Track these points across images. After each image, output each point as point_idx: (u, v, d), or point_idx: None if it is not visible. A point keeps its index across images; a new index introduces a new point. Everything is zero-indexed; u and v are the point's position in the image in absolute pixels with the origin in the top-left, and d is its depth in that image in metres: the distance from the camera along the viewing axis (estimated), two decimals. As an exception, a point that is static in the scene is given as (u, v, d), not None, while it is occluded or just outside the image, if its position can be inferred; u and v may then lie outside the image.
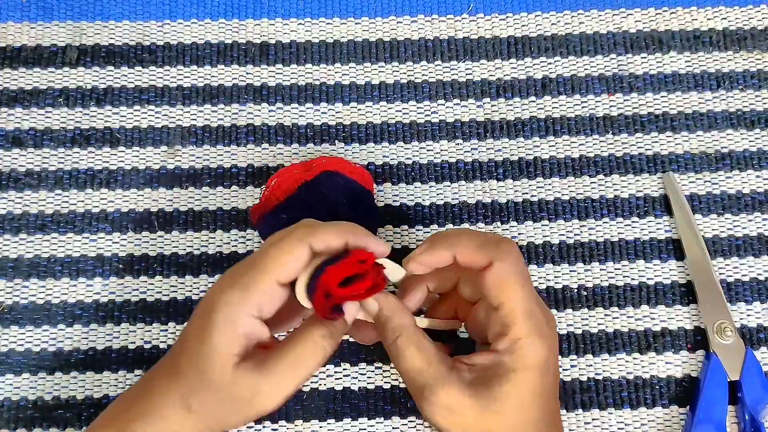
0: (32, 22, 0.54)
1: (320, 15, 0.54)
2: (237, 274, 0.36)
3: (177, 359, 0.37)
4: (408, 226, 0.49)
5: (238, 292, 0.35)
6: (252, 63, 0.53)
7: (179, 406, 0.35)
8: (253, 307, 0.35)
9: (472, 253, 0.37)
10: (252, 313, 0.35)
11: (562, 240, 0.49)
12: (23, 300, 0.47)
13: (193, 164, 0.50)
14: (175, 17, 0.54)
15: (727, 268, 0.48)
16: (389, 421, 0.45)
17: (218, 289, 0.36)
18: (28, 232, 0.49)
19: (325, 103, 0.52)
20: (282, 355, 0.36)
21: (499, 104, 0.52)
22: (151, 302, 0.48)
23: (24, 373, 0.46)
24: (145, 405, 0.36)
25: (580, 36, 0.54)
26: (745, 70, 0.53)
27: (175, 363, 0.37)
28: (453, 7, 0.54)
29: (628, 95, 0.52)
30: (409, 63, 0.53)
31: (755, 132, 0.51)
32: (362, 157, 0.51)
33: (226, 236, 0.49)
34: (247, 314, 0.35)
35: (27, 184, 0.50)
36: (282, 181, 0.46)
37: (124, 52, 0.53)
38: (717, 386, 0.44)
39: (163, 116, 0.52)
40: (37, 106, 0.52)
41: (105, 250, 0.49)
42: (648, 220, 0.49)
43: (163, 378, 0.37)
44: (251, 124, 0.51)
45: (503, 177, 0.50)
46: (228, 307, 0.35)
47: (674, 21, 0.54)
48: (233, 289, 0.35)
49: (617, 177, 0.50)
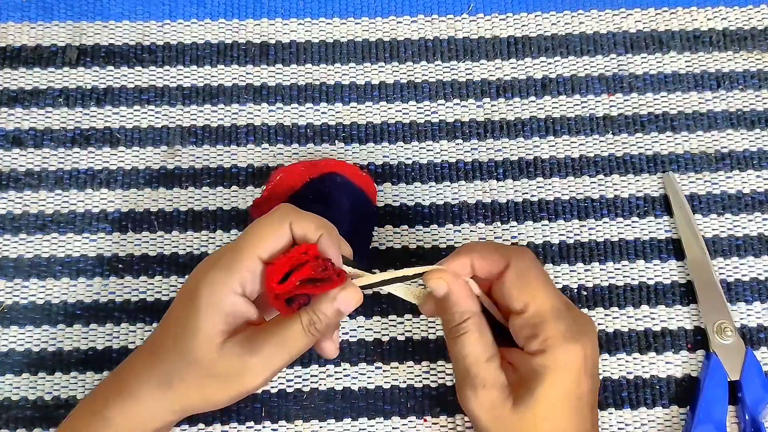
0: (32, 22, 0.54)
1: (320, 15, 0.54)
2: (218, 256, 0.36)
3: (159, 341, 0.37)
4: (408, 226, 0.49)
5: (221, 272, 0.35)
6: (252, 63, 0.53)
7: (156, 385, 0.36)
8: (236, 285, 0.35)
9: (488, 254, 0.37)
10: (236, 291, 0.35)
11: (562, 240, 0.49)
12: (23, 300, 0.47)
13: (193, 164, 0.50)
14: (175, 17, 0.54)
15: (727, 268, 0.48)
16: (389, 421, 0.45)
17: (201, 270, 0.36)
18: (28, 232, 0.49)
19: (325, 103, 0.52)
20: (269, 332, 0.36)
21: (499, 104, 0.52)
22: (151, 302, 0.48)
23: (24, 373, 0.46)
24: (120, 386, 0.36)
25: (580, 36, 0.54)
26: (745, 70, 0.53)
27: (156, 344, 0.37)
28: (453, 7, 0.54)
29: (628, 95, 0.52)
30: (409, 63, 0.53)
31: (755, 132, 0.51)
32: (362, 157, 0.51)
33: (226, 236, 0.49)
34: (231, 292, 0.35)
35: (27, 184, 0.50)
36: (286, 178, 0.46)
37: (124, 52, 0.53)
38: (717, 386, 0.44)
39: (163, 116, 0.52)
40: (37, 106, 0.52)
41: (105, 250, 0.49)
42: (648, 220, 0.49)
43: (140, 360, 0.37)
44: (251, 124, 0.51)
45: (503, 177, 0.50)
46: (211, 286, 0.35)
47: (674, 21, 0.54)
48: (216, 270, 0.35)
49: (617, 177, 0.50)
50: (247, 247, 0.36)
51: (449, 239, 0.49)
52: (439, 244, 0.49)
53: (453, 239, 0.49)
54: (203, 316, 0.35)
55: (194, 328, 0.35)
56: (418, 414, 0.45)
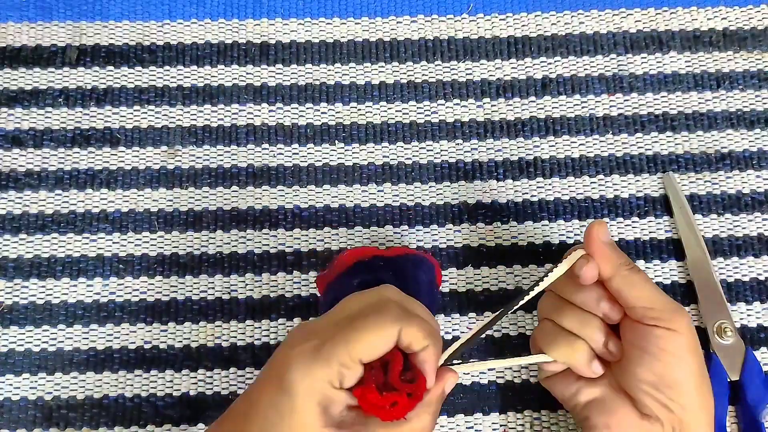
0: (32, 22, 0.54)
1: (320, 15, 0.54)
2: (315, 341, 0.34)
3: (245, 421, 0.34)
4: (408, 226, 0.49)
5: (319, 365, 0.33)
6: (252, 63, 0.53)
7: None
8: (333, 379, 0.33)
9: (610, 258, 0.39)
10: (333, 385, 0.33)
11: (562, 240, 0.49)
12: (23, 300, 0.47)
13: (193, 164, 0.50)
14: (175, 17, 0.54)
15: (727, 268, 0.48)
16: (389, 421, 0.45)
17: (294, 354, 0.34)
18: (28, 232, 0.49)
19: (325, 103, 0.52)
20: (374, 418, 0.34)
21: (499, 104, 0.52)
22: (151, 302, 0.48)
23: (24, 373, 0.46)
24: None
25: (580, 36, 0.54)
26: (745, 70, 0.53)
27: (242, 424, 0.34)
28: (453, 7, 0.54)
29: (628, 95, 0.52)
30: (409, 63, 0.53)
31: (755, 132, 0.51)
32: (362, 157, 0.51)
33: (226, 236, 0.49)
34: (326, 385, 0.33)
35: (27, 184, 0.50)
36: (352, 252, 0.44)
37: (124, 52, 0.53)
38: (717, 386, 0.44)
39: (163, 116, 0.52)
40: (37, 106, 0.52)
41: (105, 250, 0.49)
42: (648, 220, 0.49)
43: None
44: (251, 124, 0.51)
45: (503, 177, 0.50)
46: (305, 375, 0.33)
47: (674, 21, 0.54)
48: (312, 360, 0.33)
49: (617, 177, 0.50)
50: (350, 347, 0.33)
51: (449, 239, 0.49)
52: (440, 245, 0.49)
53: (453, 239, 0.49)
54: (300, 407, 0.33)
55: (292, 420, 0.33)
56: (418, 414, 0.45)
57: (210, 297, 0.48)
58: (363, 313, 0.34)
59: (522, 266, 0.48)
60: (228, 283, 0.48)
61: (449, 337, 0.47)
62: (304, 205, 0.50)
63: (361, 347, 0.33)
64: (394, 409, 0.33)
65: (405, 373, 0.34)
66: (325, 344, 0.33)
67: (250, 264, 0.48)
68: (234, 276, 0.48)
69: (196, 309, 0.47)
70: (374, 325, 0.33)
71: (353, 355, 0.33)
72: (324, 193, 0.50)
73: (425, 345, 0.34)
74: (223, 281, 0.48)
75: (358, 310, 0.35)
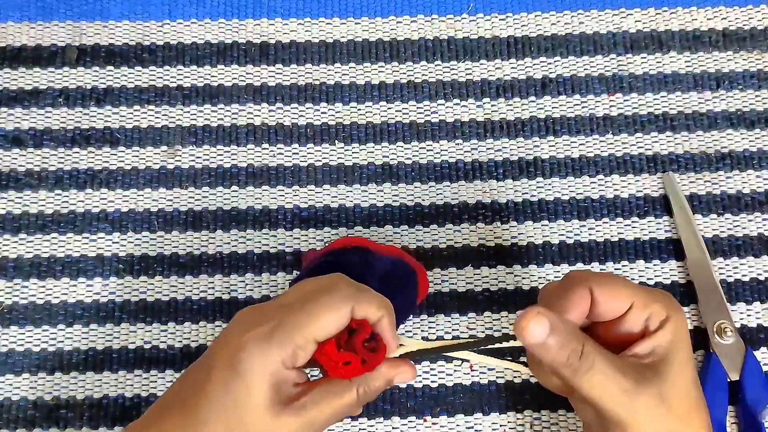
0: (32, 22, 0.54)
1: (320, 15, 0.54)
2: (269, 329, 0.34)
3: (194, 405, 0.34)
4: (408, 226, 0.49)
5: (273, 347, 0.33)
6: (252, 63, 0.53)
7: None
8: (287, 360, 0.34)
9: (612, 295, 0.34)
10: (286, 365, 0.34)
11: (562, 240, 0.49)
12: (23, 300, 0.47)
13: (193, 164, 0.50)
14: (175, 17, 0.54)
15: (727, 268, 0.48)
16: (389, 421, 0.45)
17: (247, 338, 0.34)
18: (28, 232, 0.49)
19: (325, 103, 0.52)
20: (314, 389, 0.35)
21: (499, 104, 0.52)
22: (151, 302, 0.48)
23: (24, 373, 0.46)
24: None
25: (580, 36, 0.54)
26: (745, 70, 0.53)
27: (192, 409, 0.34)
28: (453, 7, 0.54)
29: (628, 95, 0.52)
30: (409, 63, 0.53)
31: (755, 132, 0.51)
32: (362, 157, 0.51)
33: (226, 236, 0.49)
34: (280, 367, 0.34)
35: (27, 184, 0.50)
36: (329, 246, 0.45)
37: (124, 52, 0.53)
38: (717, 386, 0.44)
39: (163, 116, 0.52)
40: (37, 106, 0.52)
41: (105, 250, 0.49)
42: (648, 220, 0.49)
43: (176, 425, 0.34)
44: (251, 124, 0.51)
45: (503, 177, 0.50)
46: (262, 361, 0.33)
47: (674, 21, 0.54)
48: (267, 343, 0.33)
49: (617, 177, 0.50)
50: (304, 328, 0.34)
51: (449, 239, 0.49)
52: (439, 245, 0.49)
53: (453, 239, 0.49)
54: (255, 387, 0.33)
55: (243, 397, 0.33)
56: (418, 414, 0.45)
57: (210, 297, 0.48)
58: (315, 294, 0.35)
59: (522, 266, 0.48)
60: (228, 283, 0.48)
61: (449, 337, 0.47)
62: (304, 205, 0.50)
63: (314, 328, 0.34)
64: (345, 367, 0.34)
65: (369, 342, 0.35)
66: (279, 327, 0.34)
67: (250, 264, 0.48)
68: (234, 276, 0.48)
69: (196, 309, 0.47)
70: (326, 305, 0.34)
71: (307, 335, 0.34)
72: (324, 193, 0.50)
73: (380, 315, 0.35)
74: (223, 281, 0.48)
75: (310, 291, 0.35)
